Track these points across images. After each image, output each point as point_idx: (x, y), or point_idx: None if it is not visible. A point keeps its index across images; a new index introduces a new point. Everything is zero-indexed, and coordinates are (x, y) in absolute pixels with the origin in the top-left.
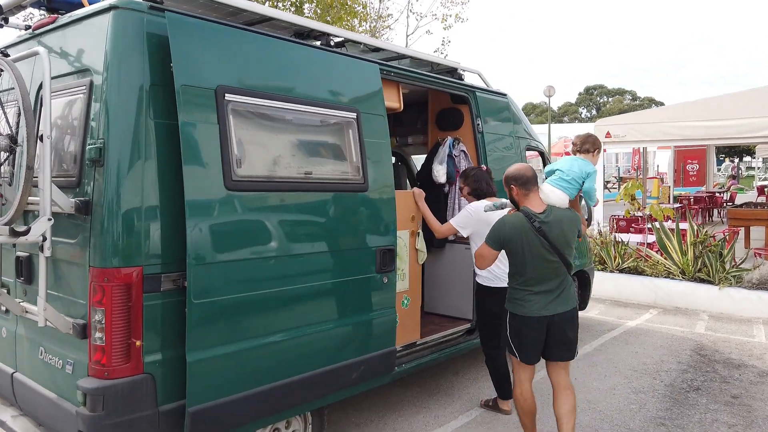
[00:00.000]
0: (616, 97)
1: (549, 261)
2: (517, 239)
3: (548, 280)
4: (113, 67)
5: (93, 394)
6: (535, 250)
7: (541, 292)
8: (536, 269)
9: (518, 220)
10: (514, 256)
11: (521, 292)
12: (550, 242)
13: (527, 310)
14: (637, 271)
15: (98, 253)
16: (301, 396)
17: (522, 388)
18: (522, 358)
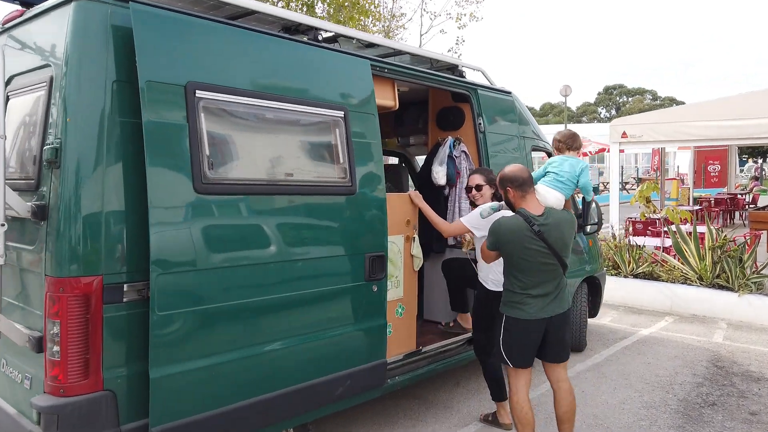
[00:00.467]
0: (636, 96)
1: (548, 264)
2: (514, 243)
3: (546, 283)
4: (73, 61)
5: (47, 413)
6: (534, 254)
7: (539, 296)
8: (535, 273)
9: (515, 224)
10: (511, 259)
11: (519, 295)
12: (549, 246)
13: (525, 314)
14: (652, 277)
15: (53, 261)
16: (279, 413)
17: (519, 396)
18: (516, 363)
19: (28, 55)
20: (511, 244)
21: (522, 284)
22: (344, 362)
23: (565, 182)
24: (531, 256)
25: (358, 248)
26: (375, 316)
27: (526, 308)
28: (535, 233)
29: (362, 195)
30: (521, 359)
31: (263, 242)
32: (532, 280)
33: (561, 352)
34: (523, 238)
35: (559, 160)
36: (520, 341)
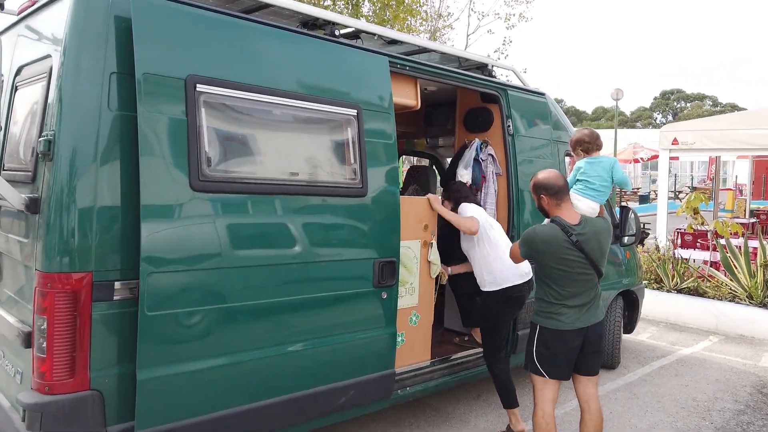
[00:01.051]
0: (695, 102)
1: (584, 274)
2: (550, 253)
3: (583, 294)
4: (69, 51)
5: (31, 411)
6: (572, 264)
7: (575, 306)
8: (572, 283)
9: (551, 233)
10: (546, 269)
11: (554, 305)
12: (587, 256)
13: (562, 324)
14: (697, 292)
15: (43, 256)
16: (277, 421)
17: (545, 410)
18: (551, 374)
19: (34, 45)
20: (546, 255)
21: (557, 294)
22: (348, 371)
23: (598, 188)
24: (568, 266)
25: (366, 253)
26: (383, 325)
27: (563, 318)
28: (573, 243)
29: (373, 197)
30: (558, 371)
31: (262, 244)
32: (568, 290)
33: (595, 364)
34: (559, 249)
35: (586, 166)
36: (557, 352)
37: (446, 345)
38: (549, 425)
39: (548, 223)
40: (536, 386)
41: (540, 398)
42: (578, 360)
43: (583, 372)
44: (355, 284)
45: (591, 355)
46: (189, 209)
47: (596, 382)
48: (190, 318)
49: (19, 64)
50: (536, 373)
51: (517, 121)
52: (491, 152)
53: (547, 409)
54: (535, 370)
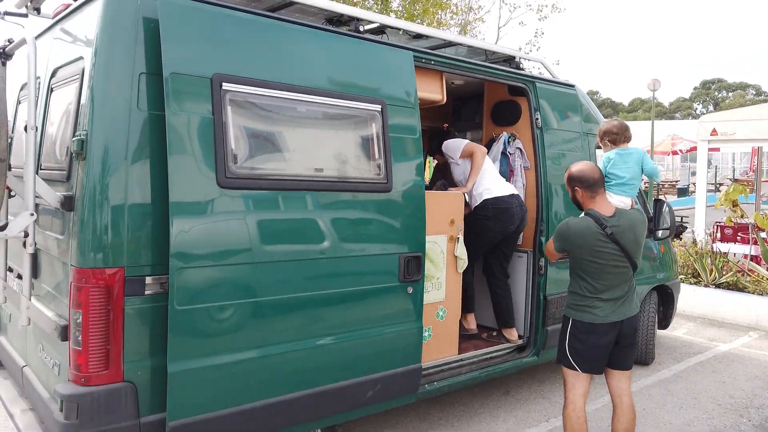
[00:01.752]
0: (737, 92)
1: (620, 267)
2: (584, 246)
3: (618, 287)
4: (101, 53)
5: (68, 401)
6: (607, 256)
7: (610, 299)
8: (606, 276)
9: (585, 225)
10: (579, 263)
11: (588, 299)
12: (622, 248)
13: (596, 317)
14: (736, 287)
15: (78, 252)
16: (305, 414)
17: (575, 405)
18: (584, 368)
19: (68, 47)
20: (580, 249)
21: (592, 288)
22: (375, 365)
23: (627, 182)
24: (603, 259)
25: (392, 248)
26: (410, 319)
27: (597, 311)
28: (607, 236)
29: (398, 192)
30: (591, 365)
31: (288, 239)
32: (603, 283)
33: (629, 359)
34: (593, 241)
35: (616, 158)
36: (590, 346)
37: (474, 340)
38: (580, 419)
39: (582, 216)
40: (568, 380)
41: (571, 392)
42: (612, 354)
43: (617, 366)
44: (380, 279)
45: (625, 349)
46: (216, 206)
47: (629, 376)
48: (218, 312)
49: (54, 66)
50: (569, 367)
51: (545, 114)
52: (519, 146)
53: (578, 404)
54: (568, 364)
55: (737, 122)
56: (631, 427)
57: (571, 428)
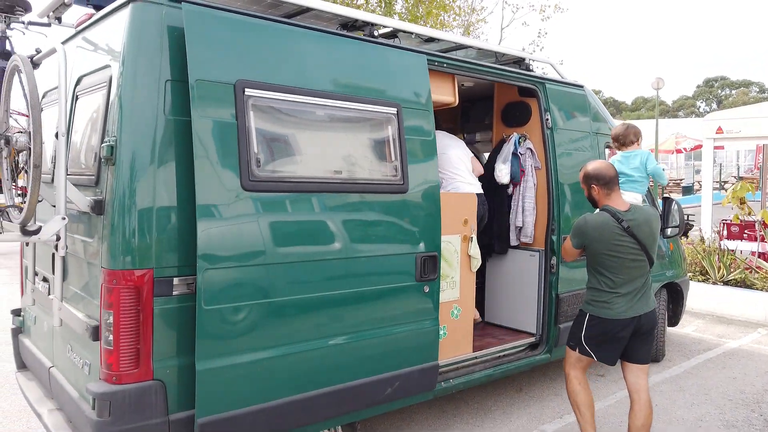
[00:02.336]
0: (741, 89)
1: (637, 261)
2: (602, 240)
3: (634, 281)
4: (128, 61)
5: (100, 399)
6: (624, 250)
7: (627, 294)
8: (624, 270)
9: (602, 220)
10: (598, 258)
11: (607, 294)
12: (639, 241)
13: (614, 313)
14: (745, 284)
15: (108, 254)
16: (327, 411)
17: (580, 378)
18: (601, 358)
19: (93, 56)
20: (599, 242)
21: (611, 282)
22: (394, 363)
23: (637, 179)
24: (621, 253)
25: (409, 248)
26: (427, 317)
27: (614, 307)
28: (624, 229)
29: (414, 193)
30: (607, 356)
31: (310, 240)
32: (621, 278)
33: (647, 353)
34: (611, 235)
35: (623, 159)
36: (607, 339)
37: (487, 338)
38: (586, 393)
39: (598, 212)
40: (571, 359)
41: (573, 369)
42: (630, 348)
43: (634, 360)
44: (398, 278)
45: (643, 344)
46: (241, 208)
47: (647, 372)
48: (244, 311)
49: (78, 75)
50: (585, 354)
51: (555, 114)
52: (530, 146)
53: (582, 377)
54: (584, 351)
55: (743, 120)
56: (647, 423)
57: (577, 401)
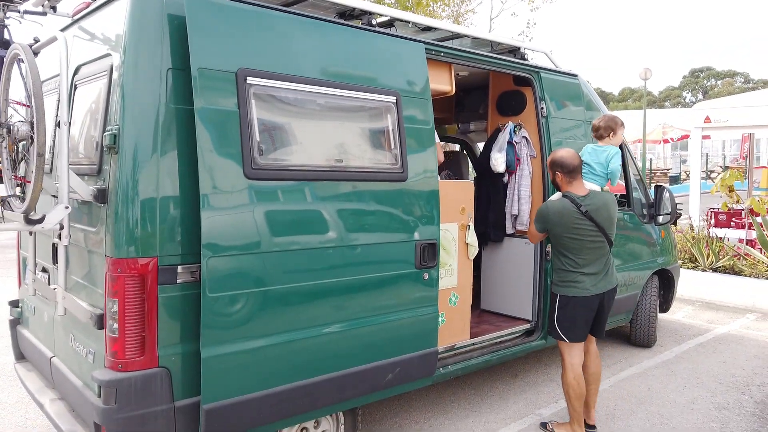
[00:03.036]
0: (726, 79)
1: (596, 242)
2: (562, 224)
3: (597, 261)
4: (129, 50)
5: (106, 387)
6: (584, 233)
7: (591, 273)
8: (586, 251)
9: (562, 205)
10: (561, 240)
11: (573, 274)
12: (597, 224)
13: (581, 291)
14: (733, 271)
15: (112, 243)
16: (329, 396)
17: (575, 372)
18: (572, 337)
19: (92, 45)
20: (559, 226)
21: (574, 263)
22: (394, 349)
23: (599, 174)
24: (580, 235)
25: (408, 236)
26: (426, 304)
27: (581, 285)
28: (582, 213)
29: (413, 182)
30: (577, 334)
31: (312, 228)
32: (583, 258)
33: (603, 327)
34: (571, 219)
35: (592, 151)
36: (576, 317)
37: (484, 325)
38: (580, 385)
39: (559, 198)
40: (564, 351)
41: (569, 361)
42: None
43: (594, 334)
44: (398, 266)
45: (602, 319)
46: (244, 197)
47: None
48: (247, 299)
49: (77, 64)
50: (558, 338)
51: (550, 103)
52: (525, 135)
53: (577, 369)
54: (557, 335)
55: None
56: (599, 371)
57: (574, 393)
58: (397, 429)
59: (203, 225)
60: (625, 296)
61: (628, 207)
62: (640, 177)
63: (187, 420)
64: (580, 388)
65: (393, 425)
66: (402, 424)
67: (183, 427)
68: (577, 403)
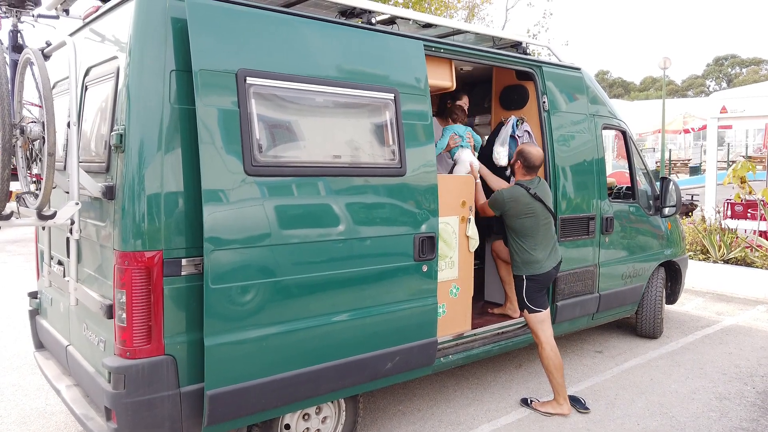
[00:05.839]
0: (751, 67)
1: (546, 219)
2: (517, 207)
3: (548, 239)
4: (135, 52)
5: (115, 373)
6: (538, 212)
7: (545, 250)
8: (540, 229)
9: (517, 192)
10: (517, 222)
11: (532, 254)
12: (544, 204)
13: (542, 268)
14: (745, 263)
15: (120, 237)
16: (329, 384)
17: (550, 343)
18: (544, 305)
19: (101, 47)
20: (516, 209)
21: (531, 244)
22: (393, 339)
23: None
24: (535, 214)
25: (407, 229)
26: (425, 296)
27: (543, 263)
28: (533, 195)
29: (412, 176)
30: (543, 304)
31: (311, 222)
32: (539, 237)
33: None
34: (525, 201)
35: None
36: (542, 289)
37: (486, 316)
38: (557, 355)
39: (513, 186)
40: (536, 328)
41: (543, 336)
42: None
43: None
44: (397, 258)
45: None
46: (244, 192)
47: None
48: (248, 290)
49: (87, 65)
50: (532, 312)
51: (552, 97)
52: (527, 129)
53: (551, 342)
54: (532, 310)
55: (747, 99)
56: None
57: (553, 365)
58: (400, 417)
59: (206, 220)
60: (630, 287)
61: (633, 199)
62: (646, 170)
63: (192, 405)
64: (558, 358)
65: (396, 413)
66: (405, 411)
67: (188, 411)
68: (557, 374)
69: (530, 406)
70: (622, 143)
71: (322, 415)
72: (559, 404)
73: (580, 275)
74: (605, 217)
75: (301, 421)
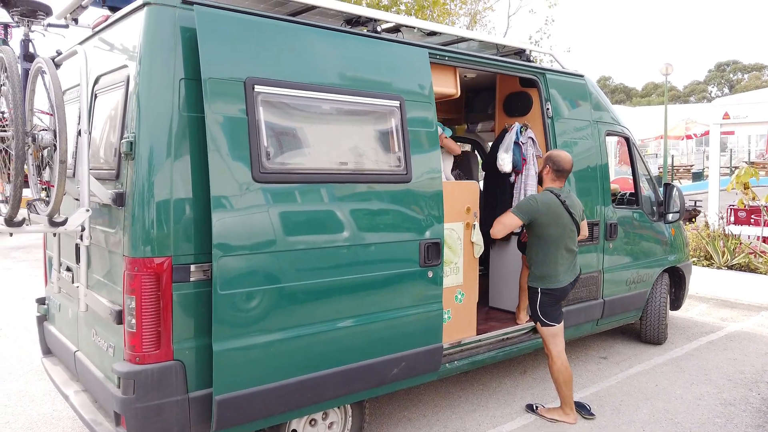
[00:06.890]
0: (753, 73)
1: (573, 231)
2: (549, 213)
3: (572, 251)
4: (144, 61)
5: (125, 378)
6: (566, 221)
7: (566, 263)
8: (566, 241)
9: (549, 198)
10: (545, 230)
11: (551, 268)
12: (572, 215)
13: (559, 282)
14: (749, 268)
15: (129, 243)
16: (336, 389)
17: (561, 358)
18: (559, 320)
19: (110, 56)
20: (547, 215)
21: (553, 256)
22: (399, 345)
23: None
24: (563, 224)
25: (412, 235)
26: (430, 301)
27: (561, 277)
28: (563, 203)
29: (417, 183)
30: (557, 318)
31: (318, 228)
32: (560, 250)
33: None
34: (557, 209)
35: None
36: (555, 304)
37: (492, 322)
38: (568, 369)
39: (544, 192)
40: (549, 341)
41: (555, 351)
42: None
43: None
44: (402, 264)
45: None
46: (252, 199)
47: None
48: (256, 296)
49: (96, 74)
50: (545, 325)
51: (556, 104)
52: (531, 135)
53: (563, 357)
54: (545, 324)
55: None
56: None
57: (563, 378)
58: (405, 422)
59: (214, 226)
60: (634, 293)
61: (637, 205)
62: (649, 176)
63: (200, 410)
64: (568, 372)
65: (402, 419)
66: (411, 417)
67: (197, 416)
68: (566, 388)
69: (536, 412)
70: (625, 149)
71: (328, 420)
72: (566, 414)
73: (585, 281)
74: (609, 223)
75: (308, 427)
